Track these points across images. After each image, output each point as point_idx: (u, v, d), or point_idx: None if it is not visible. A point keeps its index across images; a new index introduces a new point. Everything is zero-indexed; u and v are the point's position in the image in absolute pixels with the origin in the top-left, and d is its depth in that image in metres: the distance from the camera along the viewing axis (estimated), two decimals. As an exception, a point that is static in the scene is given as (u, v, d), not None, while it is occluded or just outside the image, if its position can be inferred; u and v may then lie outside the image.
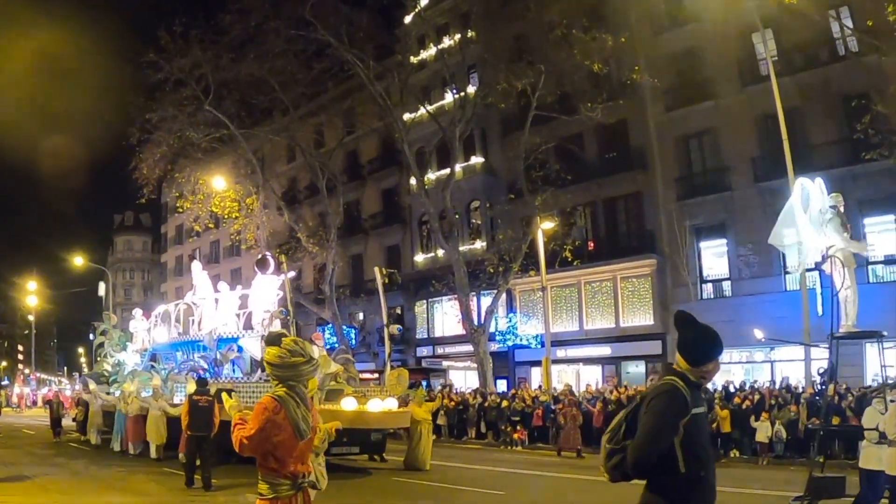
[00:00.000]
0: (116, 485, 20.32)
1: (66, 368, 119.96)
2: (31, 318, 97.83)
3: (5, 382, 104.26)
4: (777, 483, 20.41)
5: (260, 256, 26.64)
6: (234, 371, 26.47)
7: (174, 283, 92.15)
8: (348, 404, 21.00)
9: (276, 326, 25.62)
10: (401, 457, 24.91)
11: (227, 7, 40.41)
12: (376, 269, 28.37)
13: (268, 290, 26.58)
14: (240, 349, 26.40)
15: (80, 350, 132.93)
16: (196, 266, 31.75)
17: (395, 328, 27.43)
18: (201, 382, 20.71)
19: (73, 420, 39.97)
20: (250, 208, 49.09)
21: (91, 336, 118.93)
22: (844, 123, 34.03)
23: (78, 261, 75.64)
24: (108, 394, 32.85)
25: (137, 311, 37.39)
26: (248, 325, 27.36)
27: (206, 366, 26.81)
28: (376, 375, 36.13)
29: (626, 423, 5.47)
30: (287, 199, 56.46)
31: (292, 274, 29.53)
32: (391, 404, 22.45)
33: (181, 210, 55.30)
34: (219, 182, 46.94)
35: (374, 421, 22.28)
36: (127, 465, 24.70)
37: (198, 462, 19.32)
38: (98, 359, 39.26)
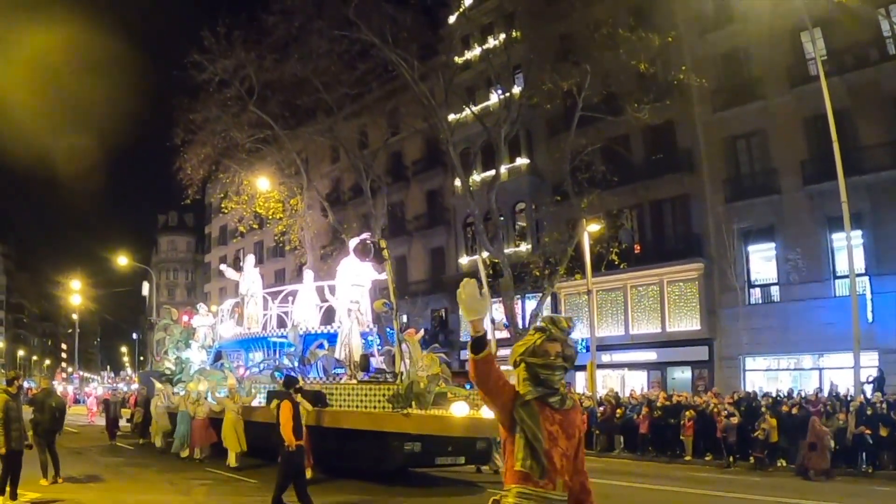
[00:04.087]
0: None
1: (108, 367, 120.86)
2: (74, 316, 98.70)
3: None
4: (824, 494, 19.95)
5: (360, 241, 25.11)
6: (317, 371, 25.08)
7: (217, 284, 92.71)
8: (459, 410, 18.52)
9: (367, 319, 25.33)
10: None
11: (271, 8, 40.43)
12: (479, 261, 26.96)
13: (356, 280, 25.33)
14: (323, 346, 25.09)
15: (123, 349, 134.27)
16: (249, 260, 30.77)
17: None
18: (291, 381, 18.63)
19: (128, 421, 38.84)
20: (294, 209, 49.10)
21: (134, 335, 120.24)
22: (895, 125, 33.41)
23: (122, 260, 76.47)
24: (174, 394, 31.42)
25: (202, 307, 36.73)
26: (325, 321, 26.55)
27: (292, 365, 25.39)
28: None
29: None
30: (331, 199, 56.32)
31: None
32: None
33: (225, 211, 55.49)
34: (263, 183, 47.00)
35: (489, 429, 18.80)
36: (212, 475, 22.26)
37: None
38: (159, 356, 37.91)
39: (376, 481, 20.22)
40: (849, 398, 27.32)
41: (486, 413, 17.71)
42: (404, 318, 41.87)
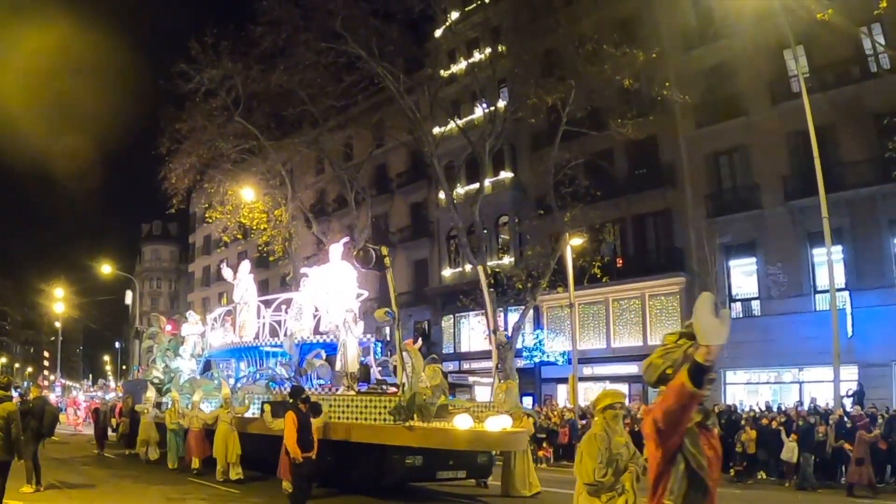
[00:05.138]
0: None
1: (91, 375, 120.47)
2: (57, 324, 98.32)
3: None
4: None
5: (361, 248, 23.13)
6: (312, 381, 24.04)
7: (201, 294, 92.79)
8: (463, 422, 17.61)
9: (360, 327, 24.86)
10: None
11: (258, 19, 40.39)
12: (480, 268, 26.19)
13: (348, 288, 25.05)
14: (320, 356, 24.41)
15: (106, 357, 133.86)
16: (244, 267, 29.37)
17: (502, 335, 24.32)
18: (297, 391, 18.27)
19: (114, 431, 37.54)
20: (279, 220, 49.12)
21: (117, 344, 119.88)
22: (876, 142, 33.84)
23: (106, 269, 76.20)
24: (160, 404, 30.65)
25: (192, 314, 35.98)
26: (317, 329, 25.82)
27: (288, 375, 24.66)
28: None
29: None
30: (315, 211, 56.50)
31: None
32: (507, 422, 18.54)
33: (209, 220, 55.56)
34: (247, 193, 46.97)
35: (493, 442, 18.85)
36: (211, 490, 21.44)
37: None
38: (146, 365, 37.37)
39: (376, 495, 19.83)
40: (828, 412, 27.59)
41: (490, 426, 17.77)
42: (386, 330, 41.91)
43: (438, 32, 49.68)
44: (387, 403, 19.12)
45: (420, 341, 25.22)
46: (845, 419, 25.90)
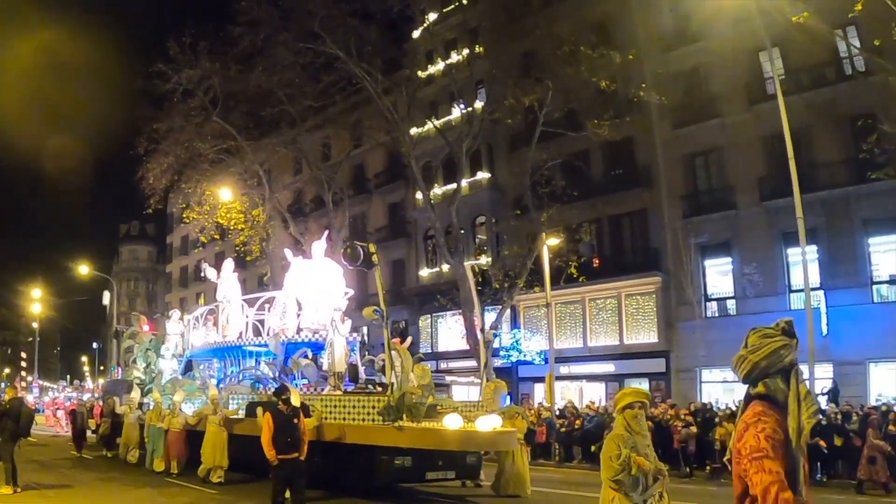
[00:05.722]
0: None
1: (68, 376, 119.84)
2: (35, 325, 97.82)
3: None
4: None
5: (349, 245, 22.99)
6: (297, 380, 23.41)
7: (178, 294, 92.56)
8: (452, 422, 17.38)
9: (347, 326, 24.30)
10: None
11: (237, 19, 40.41)
12: (468, 267, 25.71)
13: (333, 285, 24.84)
14: (306, 355, 24.02)
15: (84, 358, 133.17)
16: (228, 265, 28.91)
17: (490, 333, 23.41)
18: (281, 390, 17.59)
19: (94, 432, 37.10)
20: (256, 220, 49.12)
21: (95, 345, 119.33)
22: (851, 143, 34.20)
23: (83, 269, 75.95)
24: (140, 405, 29.83)
25: (175, 312, 35.33)
26: (299, 327, 25.16)
27: (273, 374, 24.37)
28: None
29: None
30: (293, 211, 56.45)
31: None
32: (497, 422, 18.20)
33: (187, 221, 55.40)
34: (225, 193, 46.89)
35: (484, 442, 18.77)
36: (196, 492, 21.07)
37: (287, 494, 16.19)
38: (126, 365, 36.66)
39: (365, 497, 19.61)
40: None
41: (480, 426, 17.58)
42: (366, 330, 41.94)
43: (416, 33, 49.93)
44: (375, 403, 18.86)
45: (409, 340, 25.08)
46: (821, 417, 26.21)
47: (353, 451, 19.48)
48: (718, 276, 40.91)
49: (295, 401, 16.74)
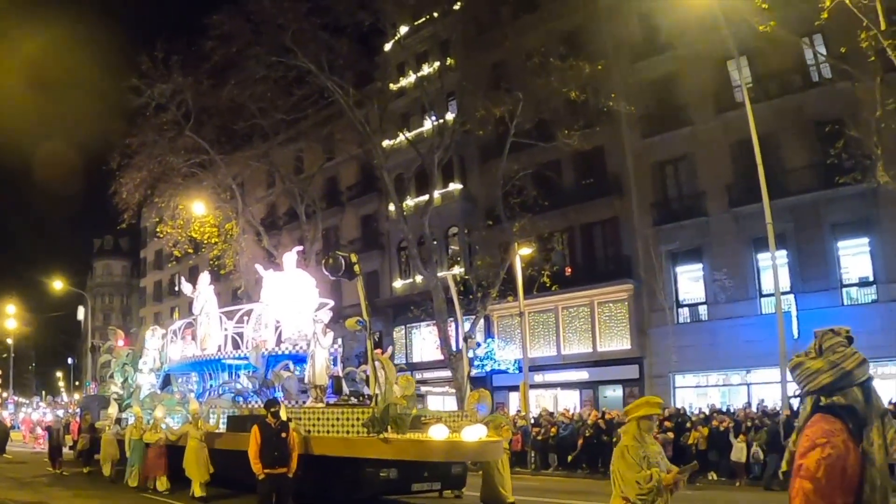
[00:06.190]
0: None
1: (43, 392, 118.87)
2: (9, 341, 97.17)
3: None
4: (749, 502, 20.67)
5: (330, 255, 21.37)
6: (278, 394, 22.65)
7: (153, 308, 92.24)
8: (438, 433, 17.07)
9: (329, 338, 23.54)
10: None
11: (209, 33, 40.42)
12: (449, 277, 25.21)
13: (307, 297, 24.81)
14: (288, 367, 23.61)
15: (59, 374, 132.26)
16: (204, 279, 28.26)
17: (473, 342, 22.85)
18: (271, 403, 17.30)
19: (71, 448, 36.84)
20: (230, 234, 49.06)
21: (70, 360, 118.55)
22: (818, 148, 34.56)
23: (57, 285, 75.45)
24: (118, 421, 29.54)
25: (155, 328, 34.36)
26: (279, 340, 24.96)
27: (254, 388, 23.87)
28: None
29: None
30: (266, 224, 56.43)
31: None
32: (483, 431, 17.81)
33: (161, 235, 55.15)
34: (198, 207, 46.79)
35: (471, 453, 18.27)
36: None
37: None
38: (103, 380, 35.98)
39: None
40: (776, 412, 28.24)
41: (467, 436, 17.29)
42: (340, 342, 41.93)
43: (388, 46, 50.20)
44: (360, 415, 18.65)
45: (390, 350, 24.86)
46: (793, 419, 26.57)
47: (338, 465, 19.12)
48: (690, 282, 41.27)
49: (283, 415, 16.69)
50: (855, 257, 35.76)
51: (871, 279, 34.99)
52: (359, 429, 18.42)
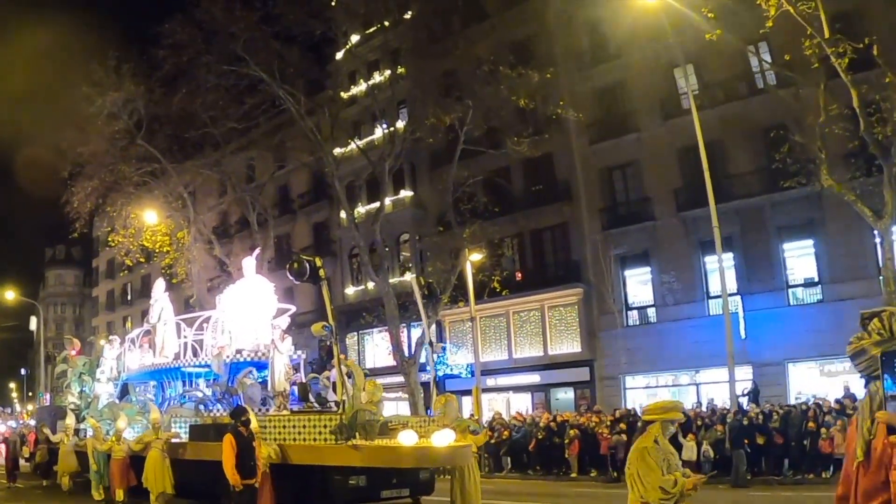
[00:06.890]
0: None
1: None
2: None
3: None
4: (701, 502, 21.10)
5: (294, 260, 20.16)
6: (239, 401, 21.34)
7: (105, 318, 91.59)
8: (408, 439, 16.42)
9: (288, 344, 23.41)
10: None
11: (161, 42, 40.38)
12: (413, 281, 25.28)
13: (266, 302, 24.41)
14: (252, 374, 22.71)
15: (12, 385, 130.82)
16: (159, 285, 27.45)
17: (439, 346, 21.98)
18: (240, 412, 16.97)
19: (27, 461, 35.34)
20: (181, 242, 48.90)
21: (23, 371, 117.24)
22: (763, 153, 35.19)
23: (8, 295, 74.66)
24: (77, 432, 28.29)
25: (115, 338, 33.05)
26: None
27: (219, 396, 23.14)
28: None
29: None
30: (218, 233, 56.32)
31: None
32: (452, 436, 16.96)
33: (112, 244, 54.72)
34: (150, 216, 46.57)
35: (441, 458, 17.54)
36: None
37: None
38: (62, 389, 34.60)
39: None
40: (725, 411, 28.80)
41: (436, 441, 16.42)
42: (293, 348, 41.88)
43: (339, 55, 50.39)
44: (327, 422, 18.03)
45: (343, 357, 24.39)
46: (742, 417, 27.18)
47: (305, 473, 18.40)
48: (638, 285, 41.91)
49: (254, 423, 16.57)
50: (800, 259, 36.56)
51: (816, 280, 35.75)
52: (326, 436, 17.90)
